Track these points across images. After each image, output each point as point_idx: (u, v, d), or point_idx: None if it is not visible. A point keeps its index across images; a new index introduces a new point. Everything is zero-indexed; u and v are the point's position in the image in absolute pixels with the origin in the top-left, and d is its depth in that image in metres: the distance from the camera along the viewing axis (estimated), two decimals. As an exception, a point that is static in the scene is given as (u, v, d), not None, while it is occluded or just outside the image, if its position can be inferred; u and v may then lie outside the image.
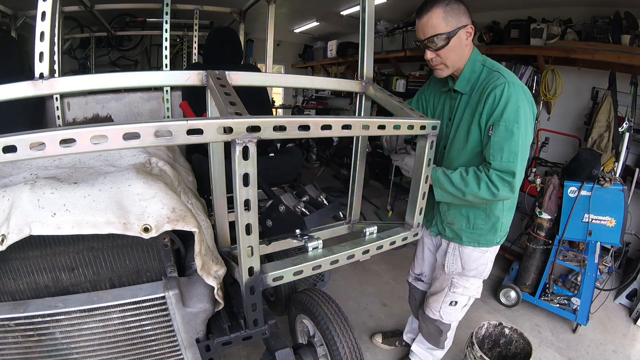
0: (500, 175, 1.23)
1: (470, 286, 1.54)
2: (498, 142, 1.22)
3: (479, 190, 1.25)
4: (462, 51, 1.30)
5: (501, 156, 1.22)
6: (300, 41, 6.98)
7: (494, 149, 1.23)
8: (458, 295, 1.55)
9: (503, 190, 1.24)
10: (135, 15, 4.40)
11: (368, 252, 1.11)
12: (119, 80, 1.05)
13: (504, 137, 1.21)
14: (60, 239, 0.89)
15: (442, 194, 1.34)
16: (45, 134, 0.65)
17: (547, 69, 3.26)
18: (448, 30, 1.23)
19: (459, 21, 1.24)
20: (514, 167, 1.22)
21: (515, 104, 1.21)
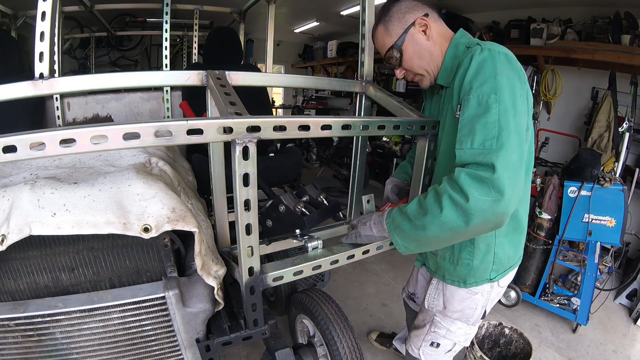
0: (470, 172, 0.81)
1: (455, 330, 1.23)
2: (467, 123, 0.86)
3: (442, 213, 0.83)
4: (427, 50, 1.05)
5: (472, 141, 0.83)
6: (300, 41, 6.98)
7: (461, 134, 0.86)
8: (440, 337, 1.26)
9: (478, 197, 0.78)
10: (135, 15, 4.40)
11: (368, 252, 1.11)
12: (119, 80, 1.06)
13: (476, 113, 0.85)
14: (60, 239, 0.89)
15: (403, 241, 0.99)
16: (45, 134, 0.65)
17: (547, 69, 3.26)
18: (394, 41, 1.05)
19: (405, 22, 1.04)
20: (492, 155, 0.80)
21: (492, 69, 0.86)
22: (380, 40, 1.09)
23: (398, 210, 1.00)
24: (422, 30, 1.04)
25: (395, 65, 1.09)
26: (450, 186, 0.83)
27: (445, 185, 0.85)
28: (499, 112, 0.82)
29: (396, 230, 0.99)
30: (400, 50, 1.05)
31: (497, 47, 0.92)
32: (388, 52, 1.07)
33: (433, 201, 0.87)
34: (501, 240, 1.10)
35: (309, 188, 1.23)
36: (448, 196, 0.83)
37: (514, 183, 0.80)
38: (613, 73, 2.83)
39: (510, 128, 0.82)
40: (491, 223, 0.83)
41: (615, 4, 2.76)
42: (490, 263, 1.10)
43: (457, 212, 0.81)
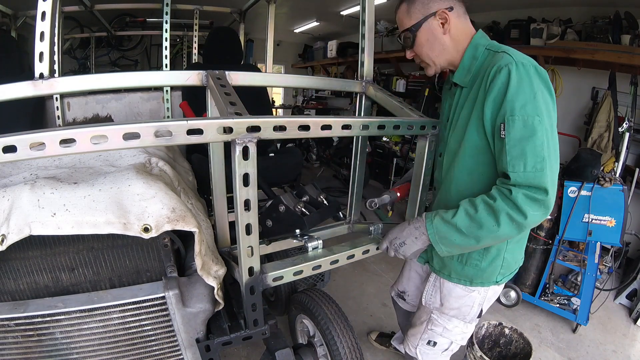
0: (528, 194, 0.88)
1: (452, 328, 1.23)
2: (516, 145, 0.89)
3: (499, 228, 0.91)
4: (440, 43, 1.05)
5: (524, 164, 0.89)
6: (300, 41, 6.98)
7: (511, 156, 0.90)
8: (437, 336, 1.26)
9: (534, 214, 0.89)
10: (135, 15, 4.40)
11: (368, 252, 1.11)
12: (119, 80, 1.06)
13: (523, 135, 0.88)
14: (60, 239, 0.89)
15: (448, 249, 1.01)
16: (45, 134, 0.65)
17: (547, 69, 3.26)
18: (411, 24, 1.04)
19: (427, 9, 1.02)
20: (544, 177, 0.88)
21: (530, 89, 0.89)
22: (400, 18, 1.08)
23: (441, 220, 1.01)
24: (441, 23, 1.03)
25: (408, 45, 1.09)
26: (508, 205, 0.91)
27: (502, 204, 0.91)
28: (544, 134, 0.90)
29: (442, 240, 1.01)
30: (415, 35, 1.05)
31: (525, 59, 0.94)
32: (403, 32, 1.08)
33: (487, 216, 0.93)
34: (512, 247, 1.13)
35: (309, 188, 1.23)
36: (506, 214, 0.91)
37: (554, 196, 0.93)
38: (613, 73, 2.83)
39: (552, 149, 0.93)
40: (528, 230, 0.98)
41: (615, 4, 2.76)
42: (498, 267, 1.12)
43: (515, 227, 0.92)
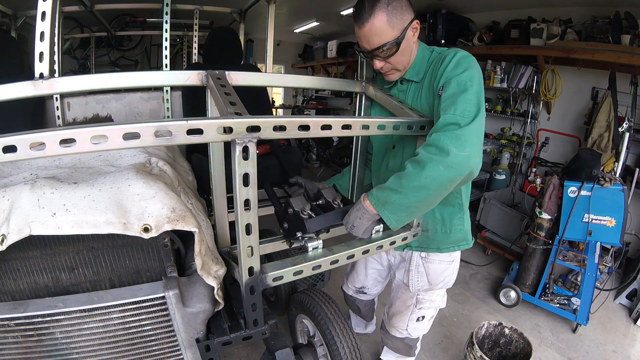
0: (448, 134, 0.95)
1: (435, 298, 1.43)
2: (450, 97, 1.01)
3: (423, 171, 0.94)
4: (410, 50, 1.15)
5: (454, 109, 0.98)
6: (300, 41, 6.98)
7: (444, 105, 1.00)
8: (425, 310, 1.44)
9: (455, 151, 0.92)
10: (135, 15, 4.40)
11: (368, 252, 1.11)
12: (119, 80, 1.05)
13: (456, 91, 1.01)
14: (60, 239, 0.89)
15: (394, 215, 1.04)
16: (45, 134, 0.65)
17: (547, 69, 3.26)
18: (396, 36, 1.07)
19: (404, 20, 1.07)
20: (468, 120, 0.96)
21: (467, 64, 1.06)
22: (380, 30, 1.06)
23: (377, 188, 1.06)
24: (413, 32, 1.12)
25: (385, 56, 1.12)
26: (427, 150, 0.96)
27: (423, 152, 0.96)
28: (475, 93, 1.01)
29: (385, 206, 1.04)
30: (399, 46, 1.09)
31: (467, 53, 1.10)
32: (385, 45, 1.08)
33: (412, 166, 0.98)
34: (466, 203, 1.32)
35: (327, 191, 1.22)
36: (428, 157, 0.94)
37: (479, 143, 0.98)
38: (613, 73, 2.83)
39: (480, 106, 1.01)
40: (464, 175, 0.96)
41: (615, 4, 2.76)
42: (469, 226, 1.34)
43: (439, 166, 0.93)
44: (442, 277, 1.36)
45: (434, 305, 1.44)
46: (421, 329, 1.50)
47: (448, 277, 1.38)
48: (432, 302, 1.43)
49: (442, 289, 1.42)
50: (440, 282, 1.37)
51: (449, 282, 1.40)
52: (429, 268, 1.34)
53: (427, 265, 1.34)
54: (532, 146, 3.69)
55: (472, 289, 2.75)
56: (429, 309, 1.44)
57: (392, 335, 1.53)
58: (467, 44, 3.83)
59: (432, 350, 2.08)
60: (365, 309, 1.83)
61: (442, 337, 2.18)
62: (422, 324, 1.48)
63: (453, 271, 1.38)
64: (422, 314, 1.44)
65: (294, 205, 1.10)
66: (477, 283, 2.85)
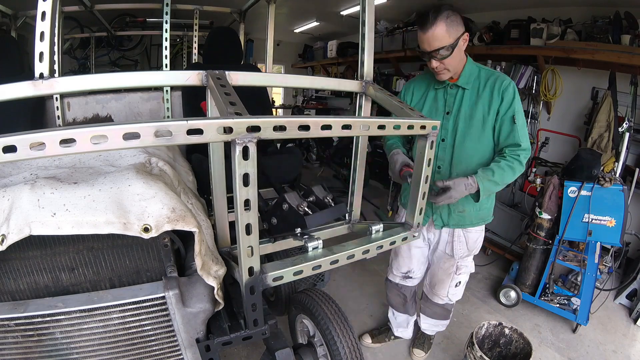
0: (525, 155, 1.46)
1: (469, 264, 1.74)
2: (523, 128, 1.46)
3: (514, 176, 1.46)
4: (461, 57, 1.47)
5: (525, 139, 1.46)
6: (300, 41, 6.98)
7: (521, 134, 1.45)
8: (462, 276, 1.75)
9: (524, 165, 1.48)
10: (135, 15, 4.40)
11: (368, 252, 1.11)
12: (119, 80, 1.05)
13: (521, 124, 1.46)
14: (60, 239, 0.89)
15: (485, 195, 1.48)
16: (45, 134, 0.64)
17: (547, 69, 3.26)
18: (451, 42, 1.37)
19: (458, 31, 1.38)
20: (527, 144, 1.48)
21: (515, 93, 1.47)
22: (439, 36, 1.35)
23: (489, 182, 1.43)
24: (464, 42, 1.42)
25: (437, 58, 1.40)
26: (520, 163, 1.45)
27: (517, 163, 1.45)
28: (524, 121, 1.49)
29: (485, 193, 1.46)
30: (453, 51, 1.39)
31: None
32: (441, 48, 1.37)
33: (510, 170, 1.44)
34: None
35: (317, 189, 1.24)
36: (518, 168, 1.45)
37: None
38: (613, 73, 2.83)
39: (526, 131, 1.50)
40: None
41: (615, 4, 2.76)
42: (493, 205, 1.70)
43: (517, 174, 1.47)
44: (476, 244, 1.69)
45: (468, 270, 1.75)
46: (458, 294, 1.81)
47: (479, 243, 1.70)
48: (467, 267, 1.74)
49: (473, 256, 1.74)
50: (475, 248, 1.70)
51: (478, 248, 1.72)
52: (468, 237, 1.66)
53: (467, 235, 1.65)
54: (532, 146, 3.69)
55: (472, 289, 2.75)
56: (464, 274, 1.75)
57: (435, 303, 1.86)
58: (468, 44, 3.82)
59: (432, 350, 2.08)
60: (411, 298, 1.99)
61: (442, 337, 2.18)
62: (459, 289, 1.79)
63: (482, 239, 1.72)
64: (459, 279, 1.75)
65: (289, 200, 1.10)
66: (477, 283, 2.85)
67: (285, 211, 1.11)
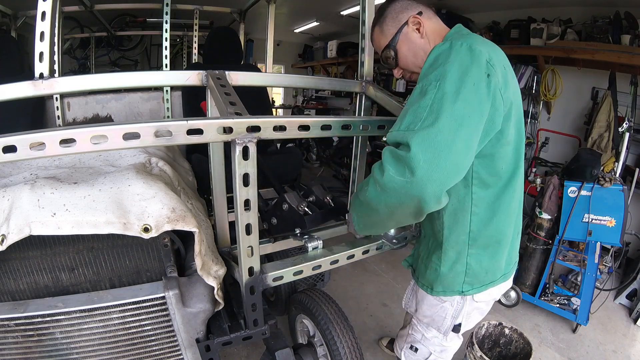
0: (392, 151, 0.79)
1: (430, 338, 1.17)
2: (405, 108, 0.84)
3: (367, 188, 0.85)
4: (421, 47, 1.02)
5: (400, 124, 0.81)
6: (300, 41, 6.97)
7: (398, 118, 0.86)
8: (417, 342, 1.22)
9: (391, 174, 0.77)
10: (135, 15, 4.40)
11: (368, 252, 1.11)
12: (119, 80, 1.06)
13: (413, 100, 0.83)
14: (60, 239, 0.89)
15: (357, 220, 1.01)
16: (45, 134, 0.65)
17: (547, 69, 3.26)
18: (388, 40, 1.04)
19: (398, 22, 1.02)
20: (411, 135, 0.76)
21: (445, 60, 0.82)
22: (377, 41, 1.08)
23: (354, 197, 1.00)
24: (416, 29, 1.01)
25: (392, 65, 1.07)
26: (377, 166, 0.82)
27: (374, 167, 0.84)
28: (435, 97, 0.78)
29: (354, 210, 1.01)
30: (395, 49, 1.03)
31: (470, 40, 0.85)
32: (384, 52, 1.05)
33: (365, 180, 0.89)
34: (476, 252, 1.00)
35: (317, 188, 1.23)
36: (372, 173, 0.83)
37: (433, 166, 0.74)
38: (613, 73, 2.83)
39: (443, 112, 0.76)
40: (408, 205, 0.80)
41: (615, 4, 2.76)
42: (461, 274, 1.02)
43: (376, 187, 0.82)
44: (429, 312, 1.13)
45: (426, 344, 1.20)
46: None
47: (437, 317, 1.12)
48: (425, 339, 1.19)
49: (435, 330, 1.15)
50: (428, 317, 1.14)
51: (440, 326, 1.13)
52: (418, 291, 1.16)
53: (416, 291, 1.18)
54: (532, 146, 3.69)
55: (472, 289, 2.75)
56: (421, 344, 1.21)
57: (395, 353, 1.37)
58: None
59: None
60: None
61: (442, 337, 2.18)
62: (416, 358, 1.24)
63: (445, 315, 1.10)
64: (415, 344, 1.23)
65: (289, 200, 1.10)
66: (477, 283, 2.85)
67: (285, 211, 1.11)
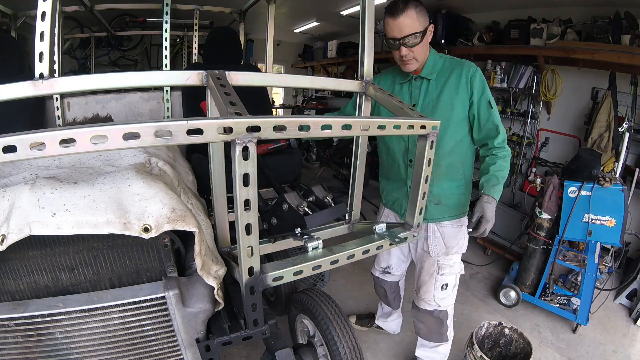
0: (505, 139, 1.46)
1: (454, 264, 1.61)
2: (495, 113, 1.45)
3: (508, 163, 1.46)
4: (427, 47, 1.45)
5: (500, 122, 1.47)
6: (300, 41, 6.98)
7: (497, 122, 1.45)
8: (446, 277, 1.60)
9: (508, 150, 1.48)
10: (135, 15, 4.40)
11: (368, 252, 1.11)
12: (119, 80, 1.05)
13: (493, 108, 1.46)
14: (60, 239, 0.89)
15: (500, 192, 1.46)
16: (45, 134, 0.64)
17: (547, 69, 3.26)
18: (422, 29, 1.36)
19: (426, 20, 1.38)
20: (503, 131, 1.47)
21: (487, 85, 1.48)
22: (409, 22, 1.33)
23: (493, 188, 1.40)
24: (430, 34, 1.41)
25: (408, 45, 1.37)
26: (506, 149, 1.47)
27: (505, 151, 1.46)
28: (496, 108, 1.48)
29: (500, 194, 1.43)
30: (422, 38, 1.37)
31: None
32: (412, 34, 1.35)
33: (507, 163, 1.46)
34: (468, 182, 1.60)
35: (317, 189, 1.24)
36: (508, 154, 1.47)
37: None
38: (613, 73, 2.83)
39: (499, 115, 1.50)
40: None
41: (615, 4, 2.76)
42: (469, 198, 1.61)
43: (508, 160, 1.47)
44: (455, 241, 1.58)
45: (453, 271, 1.61)
46: (448, 299, 1.64)
47: (461, 240, 1.59)
48: (452, 268, 1.60)
49: (458, 254, 1.61)
50: (455, 246, 1.58)
51: (463, 246, 1.61)
52: (443, 232, 1.57)
53: (442, 230, 1.57)
54: (532, 146, 3.69)
55: (472, 289, 2.75)
56: (450, 275, 1.60)
57: (423, 310, 1.67)
58: (467, 44, 3.82)
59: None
60: (391, 293, 1.97)
61: (442, 337, 2.18)
62: (447, 293, 1.62)
63: (464, 235, 1.59)
64: (445, 280, 1.60)
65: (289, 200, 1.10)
66: (477, 283, 2.85)
67: (285, 211, 1.11)
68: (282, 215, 1.12)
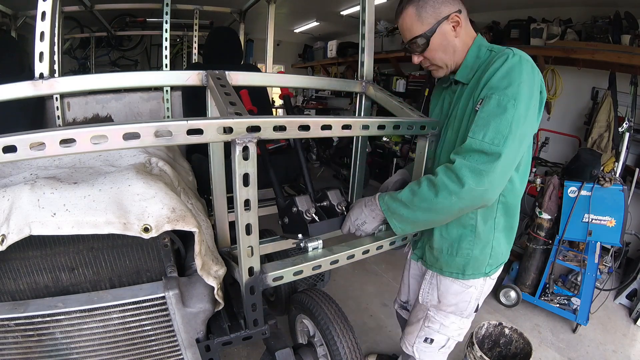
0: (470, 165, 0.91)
1: (449, 325, 1.24)
2: (484, 117, 0.92)
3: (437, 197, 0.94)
4: (452, 45, 1.07)
5: (484, 134, 0.91)
6: (300, 41, 6.98)
7: (476, 124, 0.93)
8: (434, 333, 1.26)
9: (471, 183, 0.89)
10: (135, 15, 4.40)
11: (368, 252, 1.11)
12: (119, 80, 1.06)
13: (494, 112, 0.91)
14: (60, 239, 0.89)
15: (401, 225, 1.05)
16: (45, 134, 0.65)
17: (547, 69, 3.26)
18: (425, 30, 1.03)
19: (438, 14, 1.02)
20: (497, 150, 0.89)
21: (518, 76, 0.92)
22: (409, 24, 1.06)
23: (390, 197, 1.07)
24: (453, 26, 1.05)
25: (416, 52, 1.09)
26: (447, 175, 0.94)
27: (443, 176, 0.94)
28: (513, 117, 0.90)
29: (393, 215, 1.06)
30: (429, 40, 1.05)
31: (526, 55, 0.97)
32: (415, 38, 1.05)
33: (427, 188, 0.97)
34: (499, 235, 1.14)
35: (333, 193, 1.18)
36: (444, 184, 0.93)
37: (504, 178, 0.94)
38: (613, 73, 2.83)
39: (516, 134, 0.91)
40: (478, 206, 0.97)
41: (615, 4, 2.76)
42: (487, 256, 1.14)
43: (451, 196, 0.93)
44: (454, 299, 1.19)
45: (445, 332, 1.25)
46: (429, 355, 1.30)
47: (463, 303, 1.19)
48: (444, 327, 1.24)
49: (455, 316, 1.22)
50: (452, 305, 1.20)
51: (464, 310, 1.21)
52: (440, 282, 1.21)
53: (439, 281, 1.21)
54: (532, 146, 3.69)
55: (472, 289, 2.75)
56: (439, 333, 1.26)
57: (402, 350, 1.40)
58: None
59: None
60: None
61: (442, 337, 2.18)
62: (430, 349, 1.29)
63: (470, 299, 1.19)
64: (430, 335, 1.27)
65: (298, 204, 1.09)
66: (477, 283, 2.85)
67: (294, 214, 1.10)
68: (291, 217, 1.12)
